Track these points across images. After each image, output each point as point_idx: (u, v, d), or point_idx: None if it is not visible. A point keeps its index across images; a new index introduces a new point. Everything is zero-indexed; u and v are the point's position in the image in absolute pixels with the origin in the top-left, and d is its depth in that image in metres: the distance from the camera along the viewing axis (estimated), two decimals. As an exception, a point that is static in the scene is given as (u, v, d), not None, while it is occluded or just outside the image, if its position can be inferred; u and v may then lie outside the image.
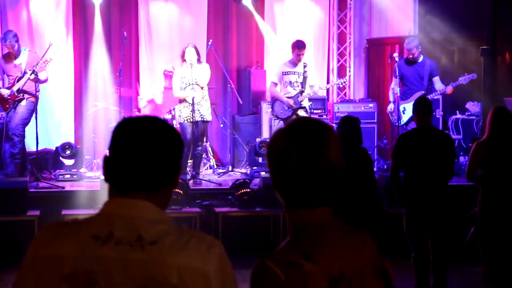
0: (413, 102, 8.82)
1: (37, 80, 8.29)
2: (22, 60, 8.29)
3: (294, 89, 9.10)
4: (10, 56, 8.39)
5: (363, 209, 5.61)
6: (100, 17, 10.34)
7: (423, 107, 5.95)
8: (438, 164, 5.83)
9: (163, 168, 1.78)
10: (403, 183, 5.94)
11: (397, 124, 9.18)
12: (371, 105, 10.44)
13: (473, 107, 10.50)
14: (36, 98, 8.45)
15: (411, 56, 9.09)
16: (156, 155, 1.77)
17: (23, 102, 8.29)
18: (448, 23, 10.35)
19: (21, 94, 8.23)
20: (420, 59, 9.04)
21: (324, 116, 10.21)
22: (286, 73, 9.15)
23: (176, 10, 11.03)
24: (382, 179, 7.57)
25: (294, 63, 9.15)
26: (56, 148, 9.57)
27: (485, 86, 9.20)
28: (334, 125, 9.98)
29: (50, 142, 10.08)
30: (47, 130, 10.17)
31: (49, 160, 9.75)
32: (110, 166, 1.80)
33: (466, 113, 10.58)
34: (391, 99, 9.30)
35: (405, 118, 9.13)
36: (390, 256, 6.94)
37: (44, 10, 10.48)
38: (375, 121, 10.30)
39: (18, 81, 8.25)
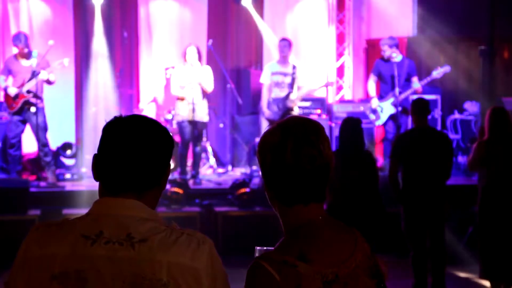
0: (389, 101, 8.95)
1: (48, 82, 8.39)
2: (32, 62, 8.36)
3: (280, 90, 9.01)
4: (20, 57, 8.46)
5: (363, 210, 5.64)
6: (100, 17, 10.37)
7: (419, 108, 5.97)
8: (436, 164, 5.87)
9: (153, 168, 1.79)
10: (401, 183, 5.98)
11: (375, 123, 9.29)
12: (369, 105, 10.45)
13: (471, 107, 10.51)
14: (43, 101, 8.53)
15: (385, 56, 9.08)
16: (145, 155, 1.77)
17: (33, 109, 8.32)
18: (446, 23, 10.37)
19: (30, 95, 8.30)
20: (399, 58, 9.02)
21: (324, 116, 10.22)
22: (274, 73, 9.06)
23: (176, 11, 11.06)
24: (380, 179, 7.60)
25: (282, 61, 9.06)
26: (57, 148, 9.60)
27: (483, 86, 9.22)
28: (333, 125, 10.01)
29: (50, 142, 10.10)
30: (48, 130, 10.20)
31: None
32: (100, 165, 1.81)
33: (465, 113, 10.59)
34: (372, 94, 9.31)
35: (383, 117, 9.14)
36: (389, 255, 7.02)
37: (45, 10, 10.52)
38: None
39: (27, 82, 8.31)
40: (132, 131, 1.78)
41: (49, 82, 8.41)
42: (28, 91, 8.30)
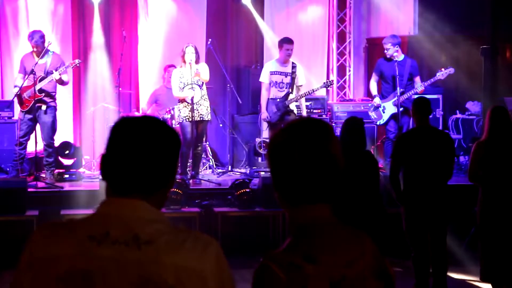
0: (391, 101, 8.95)
1: (61, 82, 8.44)
2: (46, 61, 8.42)
3: (279, 90, 9.02)
4: (35, 55, 8.49)
5: (364, 210, 5.60)
6: (99, 17, 10.35)
7: (421, 107, 5.94)
8: (438, 164, 5.83)
9: (160, 169, 1.78)
10: (402, 183, 5.94)
11: (376, 123, 9.32)
12: (370, 104, 10.41)
13: (473, 106, 10.49)
14: (55, 100, 8.62)
15: (387, 55, 9.06)
16: (153, 156, 1.76)
17: (44, 107, 8.40)
18: (448, 22, 10.34)
19: (42, 94, 8.35)
20: (401, 57, 8.99)
21: (324, 116, 10.19)
22: (273, 73, 9.07)
23: (176, 10, 11.02)
24: (381, 179, 7.56)
25: (283, 61, 9.07)
26: (55, 148, 9.55)
27: (485, 86, 9.19)
28: (333, 124, 9.98)
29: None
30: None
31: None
32: (107, 166, 1.79)
33: (466, 113, 10.57)
34: (374, 92, 9.29)
35: (385, 117, 9.14)
36: (390, 256, 6.98)
37: (43, 9, 10.47)
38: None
39: (40, 81, 8.36)
40: (140, 131, 1.78)
41: (61, 82, 8.51)
42: (41, 90, 8.34)
